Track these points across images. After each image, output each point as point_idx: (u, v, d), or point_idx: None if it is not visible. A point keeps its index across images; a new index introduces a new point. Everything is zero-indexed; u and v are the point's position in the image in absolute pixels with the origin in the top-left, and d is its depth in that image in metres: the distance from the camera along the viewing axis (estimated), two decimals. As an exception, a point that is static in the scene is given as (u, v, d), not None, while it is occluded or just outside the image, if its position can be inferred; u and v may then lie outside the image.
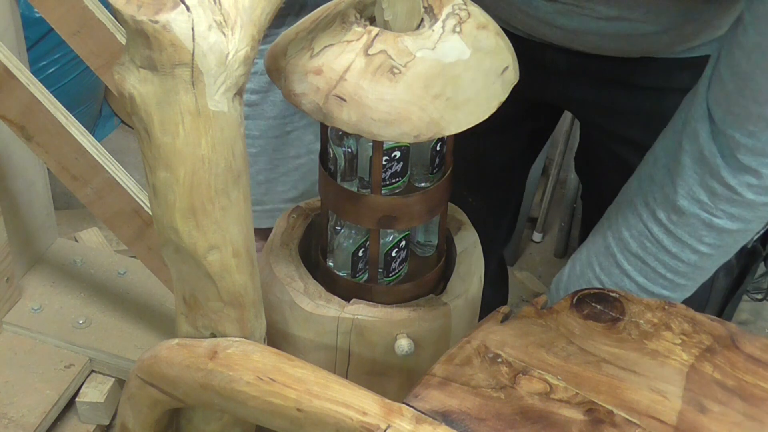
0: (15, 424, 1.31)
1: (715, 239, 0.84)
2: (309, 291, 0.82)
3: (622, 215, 0.90)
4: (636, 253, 0.89)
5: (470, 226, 0.90)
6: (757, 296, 1.94)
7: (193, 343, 0.73)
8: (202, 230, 0.65)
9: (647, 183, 0.87)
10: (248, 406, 0.69)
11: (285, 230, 0.88)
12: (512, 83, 0.74)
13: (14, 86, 1.19)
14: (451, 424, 0.67)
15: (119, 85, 0.61)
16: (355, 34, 0.70)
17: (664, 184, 0.85)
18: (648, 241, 0.87)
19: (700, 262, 0.87)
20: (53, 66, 2.03)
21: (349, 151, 0.79)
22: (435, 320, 0.82)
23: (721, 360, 0.76)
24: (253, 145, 1.04)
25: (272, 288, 0.83)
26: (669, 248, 0.86)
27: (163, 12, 0.57)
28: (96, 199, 1.26)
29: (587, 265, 0.93)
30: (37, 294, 1.50)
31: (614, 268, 0.90)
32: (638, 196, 0.88)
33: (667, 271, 0.88)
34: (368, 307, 0.81)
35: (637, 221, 0.88)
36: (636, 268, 0.89)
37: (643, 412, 0.70)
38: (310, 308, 0.81)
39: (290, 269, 0.84)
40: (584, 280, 0.92)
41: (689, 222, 0.84)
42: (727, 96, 0.77)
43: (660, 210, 0.86)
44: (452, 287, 0.84)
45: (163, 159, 0.62)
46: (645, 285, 0.89)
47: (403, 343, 0.79)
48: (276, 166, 1.06)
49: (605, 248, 0.91)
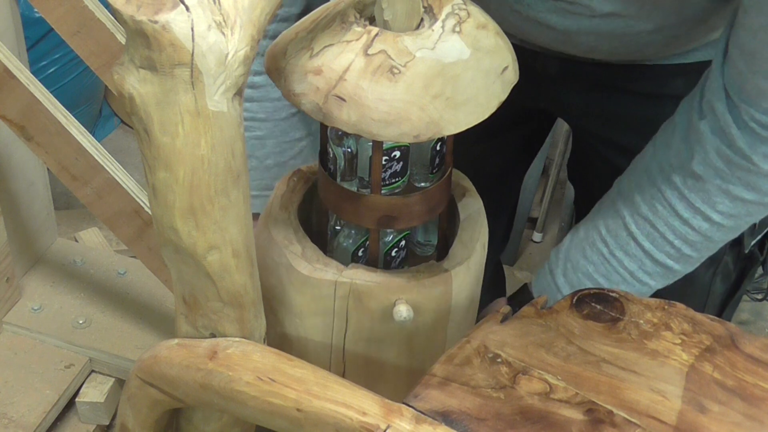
0: (15, 424, 1.31)
1: (728, 207, 0.83)
2: (307, 254, 0.80)
3: (635, 181, 0.89)
4: (646, 216, 0.87)
5: (475, 193, 0.88)
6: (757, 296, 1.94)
7: (193, 343, 0.73)
8: (202, 230, 0.65)
9: (663, 150, 0.86)
10: (248, 406, 0.69)
11: (285, 193, 0.85)
12: (512, 83, 0.74)
13: (14, 86, 1.19)
14: (450, 424, 0.67)
15: (119, 85, 0.61)
16: (355, 34, 0.70)
17: (680, 150, 0.84)
18: (660, 204, 0.86)
19: (710, 232, 0.86)
20: (53, 66, 2.03)
21: (349, 151, 0.79)
22: (435, 286, 0.79)
23: (721, 360, 0.76)
24: (260, 128, 1.02)
25: (269, 251, 0.81)
26: (681, 213, 0.85)
27: (162, 12, 0.57)
28: (96, 199, 1.26)
29: (593, 228, 0.91)
30: (37, 294, 1.50)
31: (621, 230, 0.89)
32: (653, 161, 0.87)
33: (675, 238, 0.86)
34: (367, 272, 0.79)
35: (651, 185, 0.87)
36: (644, 232, 0.87)
37: (643, 412, 0.70)
38: (307, 271, 0.79)
39: (288, 232, 0.82)
40: (588, 242, 0.91)
41: (705, 188, 0.83)
42: (739, 74, 0.78)
43: (675, 174, 0.85)
44: (454, 253, 0.82)
45: (163, 159, 0.62)
46: (651, 251, 0.88)
47: (402, 309, 0.77)
48: (284, 150, 1.05)
49: (614, 211, 0.90)
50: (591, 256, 0.91)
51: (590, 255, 0.91)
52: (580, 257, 0.92)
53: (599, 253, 0.90)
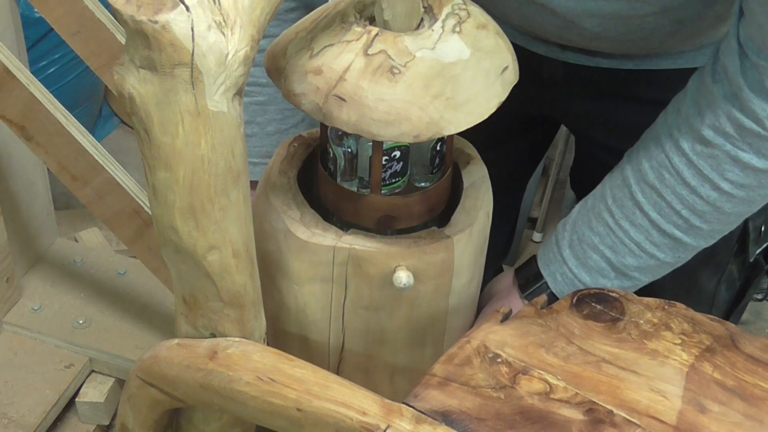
0: (15, 424, 1.31)
1: (738, 176, 0.81)
2: (305, 220, 0.78)
3: (644, 149, 0.86)
4: (652, 185, 0.85)
5: (479, 160, 0.86)
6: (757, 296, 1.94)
7: (193, 343, 0.73)
8: (202, 230, 0.65)
9: (673, 116, 0.84)
10: (248, 406, 0.69)
11: (284, 159, 0.84)
12: (512, 83, 0.74)
13: (14, 86, 1.19)
14: (450, 424, 0.67)
15: (119, 85, 0.61)
16: (355, 34, 0.70)
17: (690, 115, 0.82)
18: (667, 173, 0.84)
19: (719, 202, 0.83)
20: (53, 66, 2.03)
21: (349, 151, 0.79)
22: (436, 253, 0.78)
23: (721, 360, 0.76)
24: (262, 93, 1.01)
25: (267, 216, 0.80)
26: (689, 181, 0.83)
27: (162, 12, 0.57)
28: (96, 199, 1.26)
29: (600, 198, 0.89)
30: (37, 294, 1.50)
31: (628, 199, 0.87)
32: (663, 128, 0.85)
33: (683, 207, 0.84)
34: (366, 237, 0.78)
35: (659, 152, 0.85)
36: (650, 201, 0.85)
37: (643, 412, 0.70)
38: (305, 237, 0.77)
39: (287, 198, 0.80)
40: (594, 213, 0.89)
41: (713, 154, 0.81)
42: (760, 27, 0.75)
43: (684, 140, 0.82)
44: (456, 220, 0.81)
45: (163, 159, 0.62)
46: (657, 221, 0.85)
47: (402, 276, 0.75)
48: (286, 116, 1.03)
49: (621, 180, 0.88)
50: (596, 227, 0.89)
51: (596, 226, 0.89)
52: (585, 228, 0.89)
53: (605, 223, 0.88)
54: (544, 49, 1.00)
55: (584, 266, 0.88)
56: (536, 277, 0.92)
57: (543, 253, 0.93)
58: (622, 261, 0.87)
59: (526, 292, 0.92)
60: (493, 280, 0.99)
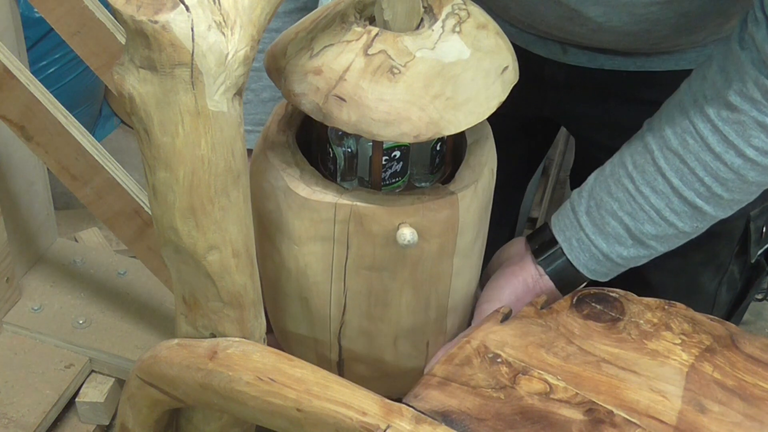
0: (15, 424, 1.31)
1: (764, 142, 0.80)
2: (305, 177, 0.76)
3: (667, 116, 0.85)
4: (675, 150, 0.84)
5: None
6: (757, 296, 1.94)
7: (193, 343, 0.73)
8: (202, 230, 0.65)
9: (698, 82, 0.83)
10: (248, 406, 0.69)
11: (282, 118, 0.82)
12: (512, 83, 0.74)
13: (14, 86, 1.19)
14: (450, 424, 0.67)
15: (119, 85, 0.61)
16: (355, 34, 0.70)
17: (716, 81, 0.81)
18: (691, 138, 0.83)
19: (743, 169, 0.82)
20: (53, 66, 2.04)
21: (349, 151, 0.79)
22: (441, 210, 0.76)
23: (721, 360, 0.76)
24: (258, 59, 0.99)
25: (266, 175, 0.78)
26: (713, 147, 0.82)
27: (162, 12, 0.57)
28: (96, 199, 1.26)
29: (619, 164, 0.88)
30: (37, 294, 1.50)
31: (649, 165, 0.85)
32: (687, 95, 0.84)
33: (706, 174, 0.83)
34: (368, 194, 0.76)
35: (683, 118, 0.83)
36: (673, 167, 0.84)
37: (643, 412, 0.70)
38: (305, 194, 0.75)
39: (286, 155, 0.78)
40: (614, 179, 0.87)
41: (740, 119, 0.80)
42: None
43: (709, 106, 0.81)
44: (461, 176, 0.79)
45: (163, 159, 0.62)
46: (679, 188, 0.84)
47: (406, 233, 0.73)
48: None
49: (642, 146, 0.86)
50: (616, 192, 0.87)
51: (615, 191, 0.87)
52: (604, 194, 0.88)
53: (624, 189, 0.87)
54: (546, 51, 1.00)
55: (601, 233, 0.87)
56: (551, 242, 0.90)
57: (558, 220, 0.91)
58: (641, 228, 0.86)
59: (540, 258, 0.90)
60: (503, 247, 0.96)
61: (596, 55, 0.99)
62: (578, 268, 0.87)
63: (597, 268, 0.87)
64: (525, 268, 0.90)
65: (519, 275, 0.89)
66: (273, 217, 0.78)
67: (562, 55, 1.00)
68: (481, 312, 0.86)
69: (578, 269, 0.87)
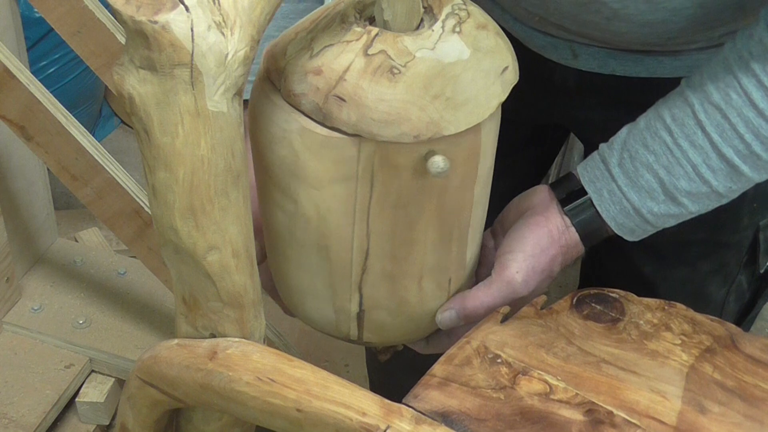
0: (15, 424, 1.32)
1: None
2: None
3: (708, 72, 0.83)
4: (717, 105, 0.81)
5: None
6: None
7: (193, 343, 0.73)
8: (202, 230, 0.65)
9: (744, 40, 0.82)
10: (248, 406, 0.69)
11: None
12: (512, 83, 0.74)
13: (14, 86, 1.19)
14: (450, 425, 0.67)
15: (119, 86, 0.61)
16: (355, 34, 0.70)
17: (763, 38, 0.79)
18: (734, 93, 0.81)
19: None
20: (53, 66, 2.04)
21: None
22: (465, 135, 0.73)
23: (721, 360, 0.76)
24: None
25: (273, 118, 0.73)
26: (757, 103, 0.80)
27: (162, 12, 0.57)
28: (96, 199, 1.26)
29: (656, 118, 0.85)
30: (37, 294, 1.50)
31: (689, 118, 0.83)
32: (731, 53, 0.82)
33: (746, 131, 0.81)
34: None
35: (726, 73, 0.81)
36: (713, 121, 0.82)
37: (643, 413, 0.70)
38: (325, 132, 0.71)
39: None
40: (650, 131, 0.85)
41: None
42: None
43: (755, 62, 0.79)
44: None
45: (163, 159, 0.62)
46: (718, 143, 0.82)
47: (438, 159, 0.70)
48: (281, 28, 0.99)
49: (682, 100, 0.84)
50: (652, 145, 0.85)
51: (651, 144, 0.85)
52: (639, 146, 0.86)
53: (662, 141, 0.84)
54: (556, 55, 1.00)
55: (634, 185, 0.85)
56: (579, 192, 0.87)
57: (586, 171, 0.88)
58: (675, 183, 0.84)
59: (567, 207, 0.87)
60: (522, 195, 0.92)
61: (607, 60, 0.98)
62: (607, 221, 0.84)
63: (625, 222, 0.85)
64: (550, 219, 0.86)
65: (544, 225, 0.85)
66: (287, 162, 0.73)
67: (573, 59, 0.99)
68: (503, 263, 0.83)
69: (606, 222, 0.84)
